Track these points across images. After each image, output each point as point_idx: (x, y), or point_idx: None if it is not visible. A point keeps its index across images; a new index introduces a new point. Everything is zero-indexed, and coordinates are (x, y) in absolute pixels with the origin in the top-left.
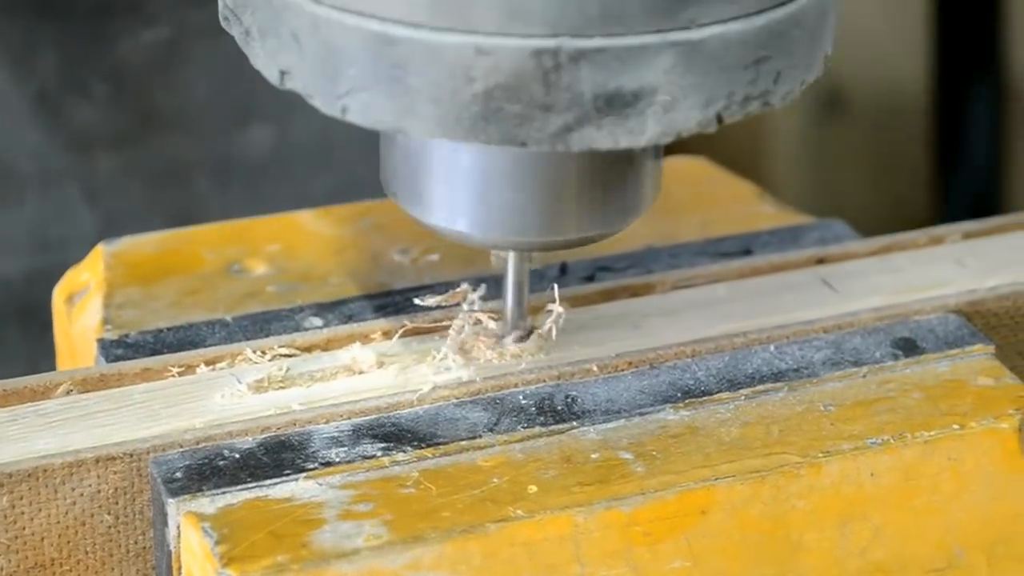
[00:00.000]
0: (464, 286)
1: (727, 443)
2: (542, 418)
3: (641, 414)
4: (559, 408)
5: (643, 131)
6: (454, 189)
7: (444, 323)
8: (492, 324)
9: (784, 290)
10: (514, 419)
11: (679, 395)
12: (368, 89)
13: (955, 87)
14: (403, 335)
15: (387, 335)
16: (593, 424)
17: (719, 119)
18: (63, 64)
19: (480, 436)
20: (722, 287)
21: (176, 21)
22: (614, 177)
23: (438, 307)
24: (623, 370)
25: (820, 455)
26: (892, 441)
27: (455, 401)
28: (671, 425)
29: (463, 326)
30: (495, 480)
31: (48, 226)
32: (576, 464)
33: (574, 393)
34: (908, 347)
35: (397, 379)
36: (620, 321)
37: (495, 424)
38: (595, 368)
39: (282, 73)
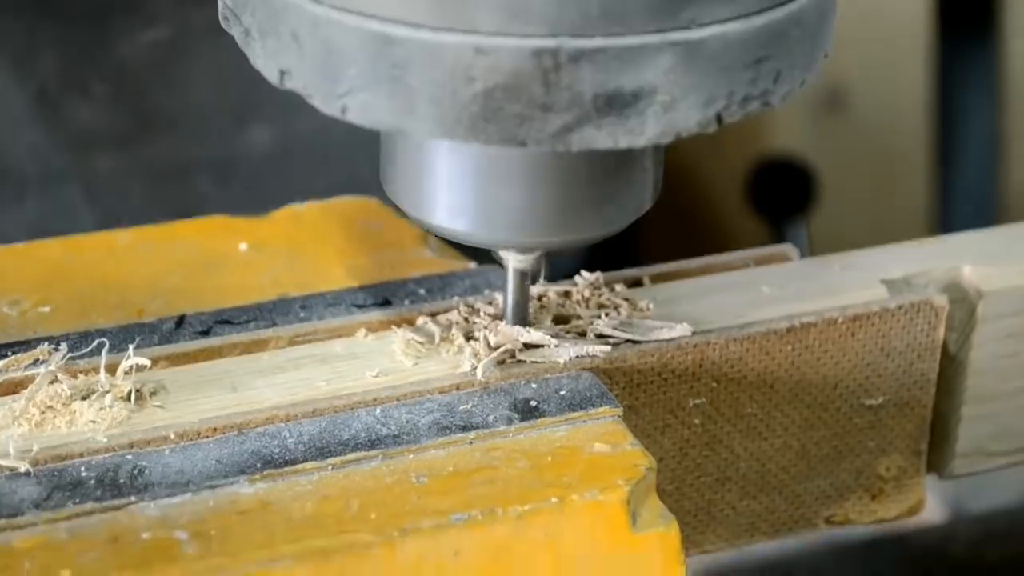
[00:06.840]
0: (43, 346)
1: (297, 520)
2: (99, 492)
3: (211, 487)
4: (122, 481)
5: (643, 131)
6: (453, 189)
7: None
8: (71, 385)
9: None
10: (67, 494)
11: (259, 465)
12: (368, 89)
13: (955, 87)
14: None
15: None
16: (155, 499)
17: (719, 119)
18: (63, 64)
19: (23, 514)
20: (339, 343)
21: (177, 21)
22: (612, 177)
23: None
24: (207, 437)
25: (396, 533)
26: (480, 517)
27: (7, 474)
28: (242, 500)
29: (39, 389)
30: (27, 564)
31: (48, 226)
32: (123, 545)
33: (144, 464)
34: (527, 410)
35: None
36: (218, 383)
37: (44, 500)
38: (172, 435)
39: (282, 73)
